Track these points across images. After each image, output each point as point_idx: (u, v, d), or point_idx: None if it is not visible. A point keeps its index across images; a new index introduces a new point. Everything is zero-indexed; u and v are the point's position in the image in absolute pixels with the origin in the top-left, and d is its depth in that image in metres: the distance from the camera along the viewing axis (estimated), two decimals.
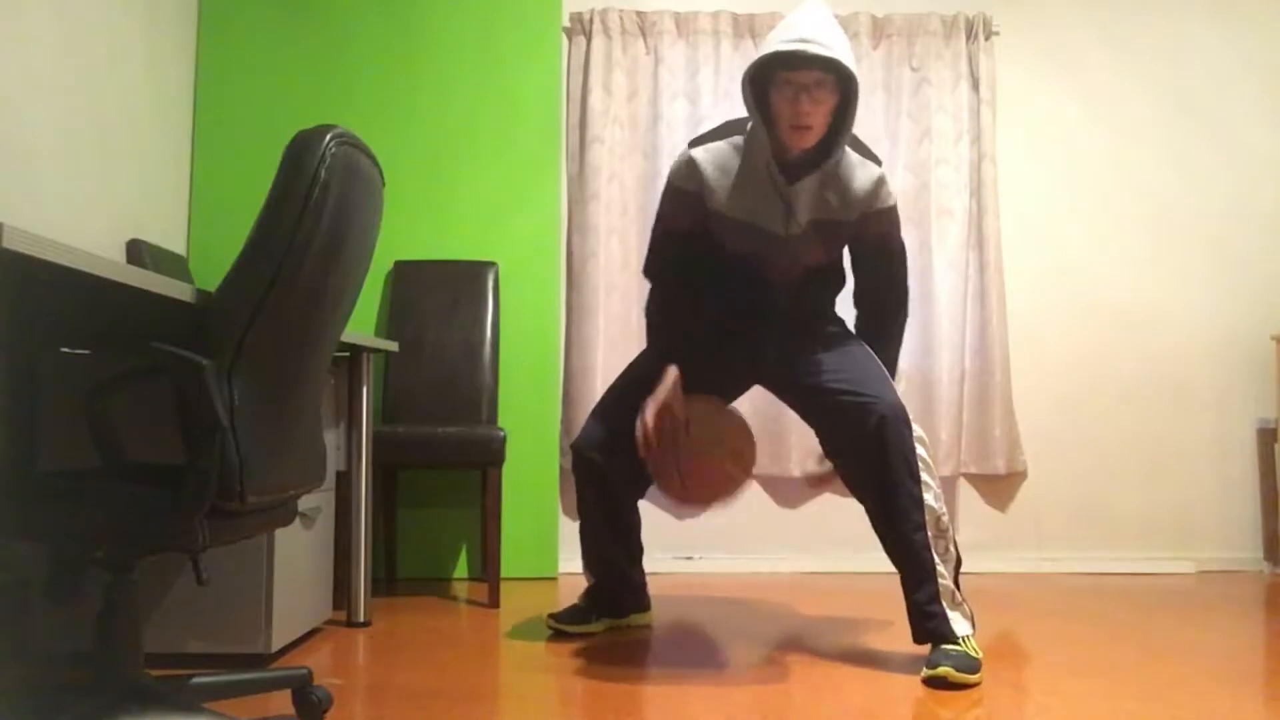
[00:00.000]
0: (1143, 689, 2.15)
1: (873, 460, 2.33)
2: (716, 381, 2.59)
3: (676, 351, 2.47)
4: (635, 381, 2.60)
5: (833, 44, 2.17)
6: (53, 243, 1.25)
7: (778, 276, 2.46)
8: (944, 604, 2.28)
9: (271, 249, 1.49)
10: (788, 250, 2.41)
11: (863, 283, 2.55)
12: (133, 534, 1.50)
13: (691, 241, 2.48)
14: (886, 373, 2.45)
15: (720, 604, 3.16)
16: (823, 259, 2.47)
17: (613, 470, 2.59)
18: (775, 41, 2.20)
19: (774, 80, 2.24)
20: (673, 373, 2.37)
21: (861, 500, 2.39)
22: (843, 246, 2.48)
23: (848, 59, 2.19)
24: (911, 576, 2.31)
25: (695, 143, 2.42)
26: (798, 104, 2.21)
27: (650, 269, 2.54)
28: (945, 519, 2.33)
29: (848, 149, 2.36)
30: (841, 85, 2.25)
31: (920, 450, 2.33)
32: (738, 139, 2.38)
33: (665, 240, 2.50)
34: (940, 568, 2.29)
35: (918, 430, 2.35)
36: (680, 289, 2.52)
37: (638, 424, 2.34)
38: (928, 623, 2.28)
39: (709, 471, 2.32)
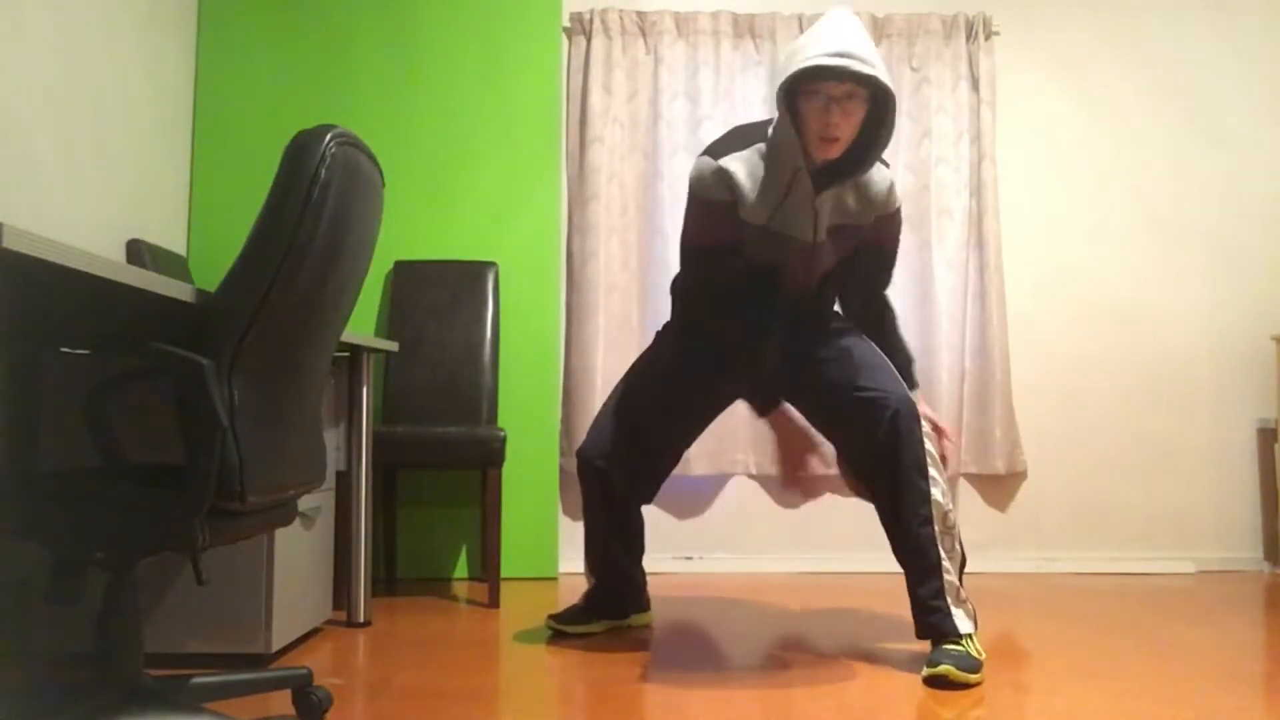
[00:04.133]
0: (1143, 689, 2.15)
1: (884, 455, 2.33)
2: (715, 385, 2.58)
3: (708, 357, 2.49)
4: (638, 386, 2.60)
5: (871, 58, 2.15)
6: (53, 243, 1.25)
7: (795, 283, 2.45)
8: (948, 600, 2.28)
9: (271, 249, 1.49)
10: (811, 258, 2.41)
11: (857, 282, 2.55)
12: (133, 534, 1.50)
13: (723, 253, 2.41)
14: (893, 367, 2.45)
15: (720, 604, 3.16)
16: (834, 263, 2.47)
17: (618, 476, 2.59)
18: (809, 53, 2.15)
19: (803, 89, 2.21)
20: (788, 423, 2.48)
21: (871, 494, 2.40)
22: (853, 249, 2.48)
23: (886, 75, 2.17)
24: (916, 571, 2.31)
25: (716, 152, 2.35)
26: (828, 115, 2.19)
27: (687, 289, 2.46)
28: (952, 515, 2.33)
29: None
30: (870, 98, 2.24)
31: (928, 445, 2.33)
32: (761, 146, 2.34)
33: (699, 255, 2.42)
34: (946, 563, 2.29)
35: (925, 426, 2.36)
36: (709, 305, 2.46)
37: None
38: (930, 618, 2.28)
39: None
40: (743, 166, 2.33)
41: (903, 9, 4.02)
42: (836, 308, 2.64)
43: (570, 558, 3.78)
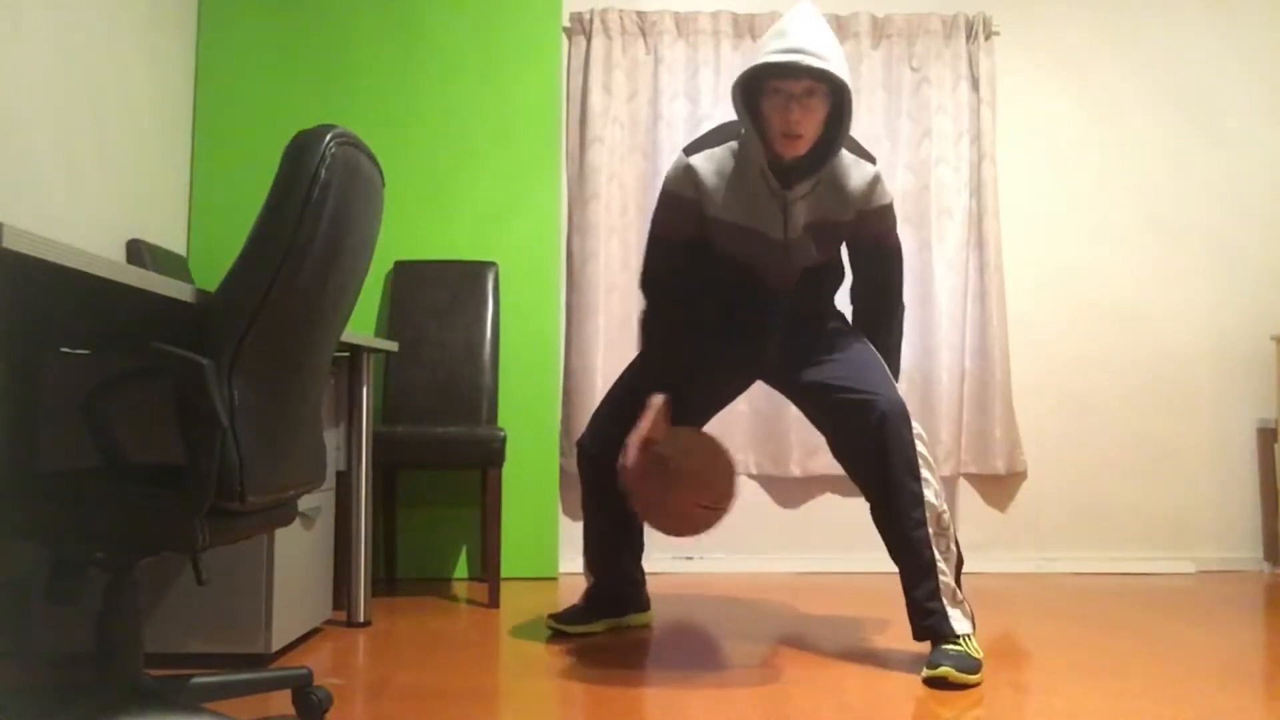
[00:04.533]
0: (1143, 689, 2.15)
1: (873, 458, 2.33)
2: (716, 384, 2.59)
3: (669, 361, 2.48)
4: (639, 378, 2.60)
5: (826, 53, 2.15)
6: (53, 243, 1.25)
7: (774, 281, 2.46)
8: (944, 601, 2.28)
9: (272, 249, 1.49)
10: (785, 255, 2.41)
11: (859, 280, 2.55)
12: (133, 534, 1.50)
13: (688, 249, 2.46)
14: (887, 369, 2.45)
15: (720, 604, 3.16)
16: (819, 260, 2.47)
17: (616, 465, 2.59)
18: (766, 50, 2.18)
19: (765, 88, 2.23)
20: (657, 402, 2.38)
21: (864, 496, 2.40)
22: (839, 245, 2.48)
23: (841, 68, 2.17)
24: (911, 573, 2.31)
25: (691, 149, 2.39)
26: (788, 113, 2.20)
27: (646, 278, 2.51)
28: (946, 516, 2.33)
29: (842, 149, 2.36)
30: (834, 93, 2.24)
31: (920, 447, 2.33)
32: (734, 144, 2.37)
33: (662, 248, 2.47)
34: (941, 564, 2.29)
35: (917, 427, 2.35)
36: (675, 298, 2.49)
37: (620, 456, 2.35)
38: (927, 620, 2.28)
39: (684, 504, 2.28)
40: (711, 164, 2.36)
41: (903, 9, 4.02)
42: (841, 306, 2.64)
43: (570, 558, 3.78)
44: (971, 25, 3.98)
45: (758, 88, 2.25)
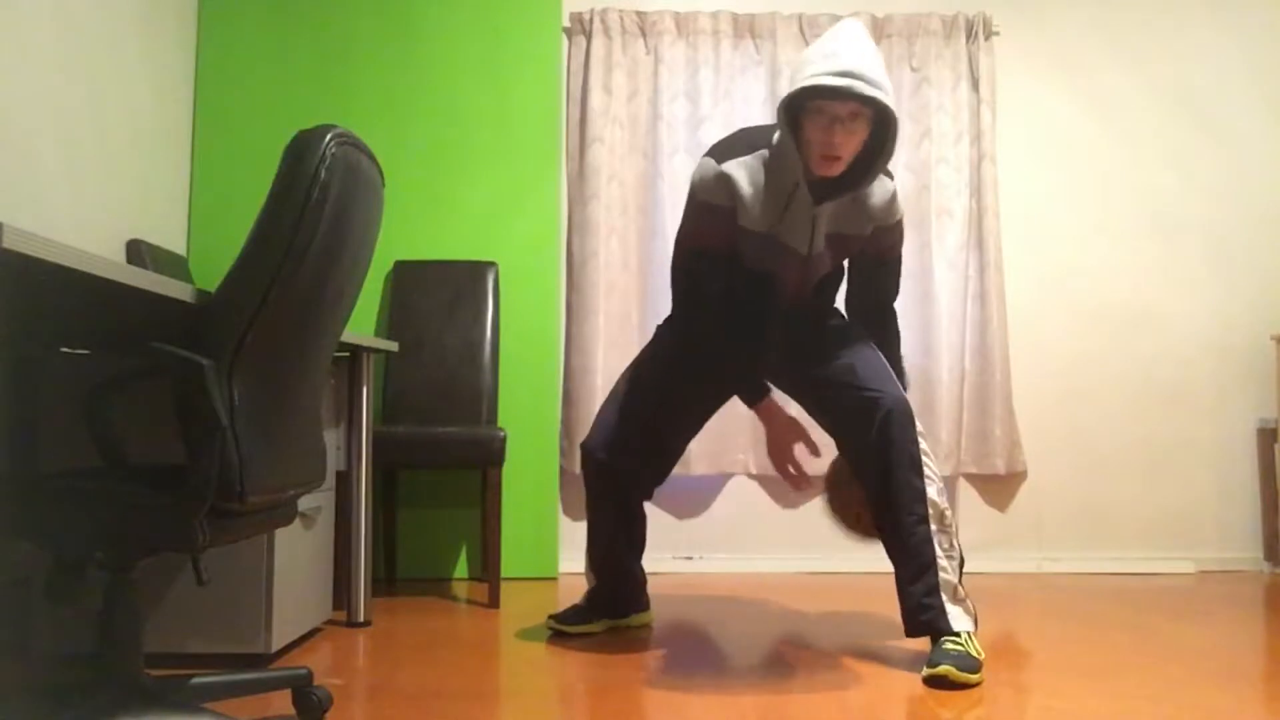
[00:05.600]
0: (1143, 689, 2.15)
1: (877, 455, 2.33)
2: (717, 387, 2.59)
3: (694, 364, 2.50)
4: (642, 379, 2.61)
5: (877, 78, 2.12)
6: (53, 243, 1.25)
7: (791, 291, 2.46)
8: (944, 597, 2.27)
9: (271, 249, 1.49)
10: (805, 268, 2.41)
11: (858, 289, 2.56)
12: (133, 534, 1.50)
13: (718, 257, 2.40)
14: (889, 367, 2.45)
15: (720, 604, 3.16)
16: (831, 269, 2.48)
17: (622, 470, 2.59)
18: (817, 69, 2.13)
19: (808, 106, 2.19)
20: (778, 413, 2.44)
21: (866, 493, 2.40)
22: (850, 255, 2.49)
23: (890, 97, 2.14)
24: (909, 568, 2.31)
25: (720, 155, 2.33)
26: (831, 134, 2.17)
27: (681, 293, 2.44)
28: (949, 514, 2.33)
29: None
30: (875, 116, 2.22)
31: (922, 443, 2.34)
32: (764, 153, 2.33)
33: (694, 259, 2.41)
34: (942, 561, 2.29)
35: (919, 426, 2.36)
36: (704, 308, 2.43)
37: (791, 468, 2.48)
38: (922, 615, 2.27)
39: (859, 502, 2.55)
40: (745, 173, 2.32)
41: (903, 9, 4.02)
42: (839, 305, 2.64)
43: (570, 558, 3.78)
44: (971, 25, 3.98)
45: (800, 103, 2.22)
